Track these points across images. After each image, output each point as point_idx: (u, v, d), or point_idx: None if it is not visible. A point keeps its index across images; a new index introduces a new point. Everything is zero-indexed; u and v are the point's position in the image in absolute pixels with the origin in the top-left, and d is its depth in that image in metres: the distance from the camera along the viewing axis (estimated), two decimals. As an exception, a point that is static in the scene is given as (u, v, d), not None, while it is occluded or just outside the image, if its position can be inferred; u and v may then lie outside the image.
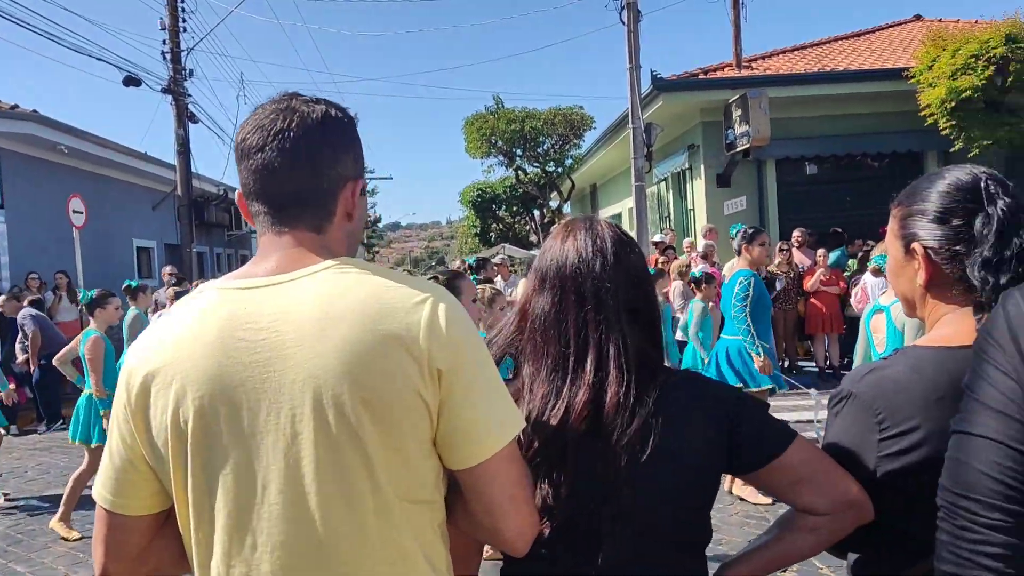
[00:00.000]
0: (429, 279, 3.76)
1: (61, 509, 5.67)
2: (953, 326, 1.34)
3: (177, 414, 1.14)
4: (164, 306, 9.75)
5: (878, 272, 8.28)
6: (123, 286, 8.24)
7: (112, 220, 16.04)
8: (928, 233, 1.37)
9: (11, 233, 12.77)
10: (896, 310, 4.36)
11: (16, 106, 12.98)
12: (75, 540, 5.52)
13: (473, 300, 3.70)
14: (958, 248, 1.33)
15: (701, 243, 11.37)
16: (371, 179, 33.75)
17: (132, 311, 8.10)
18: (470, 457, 1.16)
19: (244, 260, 29.45)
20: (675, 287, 9.20)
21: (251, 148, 1.23)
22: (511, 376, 1.51)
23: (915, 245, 1.39)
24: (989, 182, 1.34)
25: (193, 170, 16.68)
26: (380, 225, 43.37)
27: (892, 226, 1.47)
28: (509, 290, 11.75)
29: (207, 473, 1.13)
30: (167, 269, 11.70)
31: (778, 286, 10.34)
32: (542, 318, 1.44)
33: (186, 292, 10.12)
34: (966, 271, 1.31)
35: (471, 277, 9.20)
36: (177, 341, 1.17)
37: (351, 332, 1.11)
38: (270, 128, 1.22)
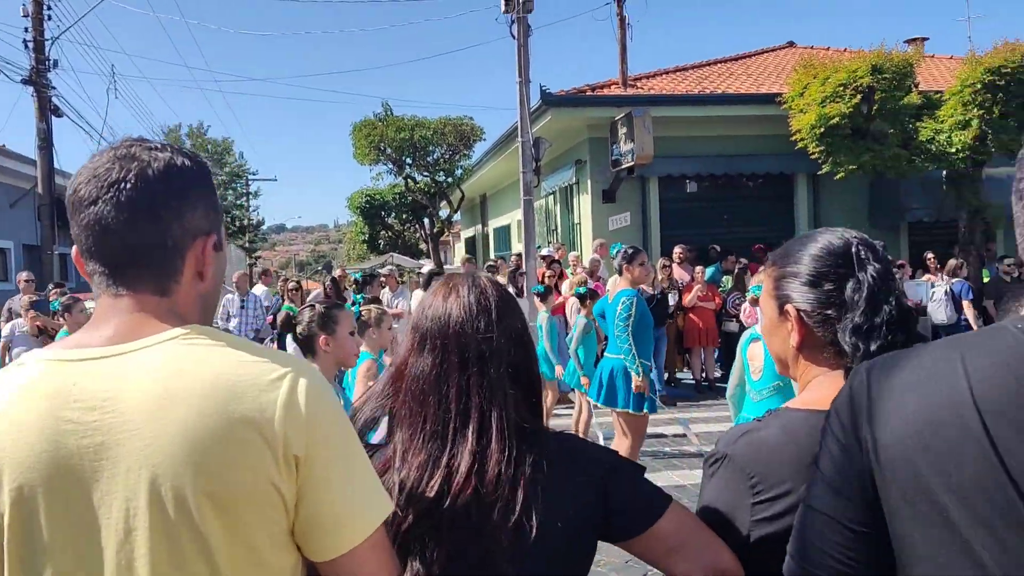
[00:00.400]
0: (306, 306, 3.62)
1: None
2: (823, 389, 1.34)
3: None
4: (18, 315, 9.03)
5: (755, 302, 8.62)
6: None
7: (-38, 219, 14.80)
8: (801, 296, 1.38)
9: None
10: None
11: None
12: None
13: (351, 333, 3.51)
14: (829, 312, 1.34)
15: (588, 258, 11.56)
16: (255, 180, 32.63)
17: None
18: (332, 548, 1.07)
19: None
20: (571, 303, 9.30)
21: (83, 201, 1.09)
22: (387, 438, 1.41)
23: (788, 307, 1.39)
24: (860, 247, 1.36)
25: (57, 166, 15.62)
26: (264, 228, 42.02)
27: (767, 286, 1.47)
28: (396, 301, 11.56)
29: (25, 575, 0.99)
30: (22, 275, 10.85)
31: (671, 301, 10.63)
32: (420, 380, 1.36)
33: (43, 302, 9.45)
34: (837, 335, 1.32)
35: (356, 297, 8.99)
36: None
37: (196, 415, 0.99)
38: (105, 178, 1.09)
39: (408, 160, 19.10)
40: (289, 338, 3.69)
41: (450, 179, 19.60)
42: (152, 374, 1.02)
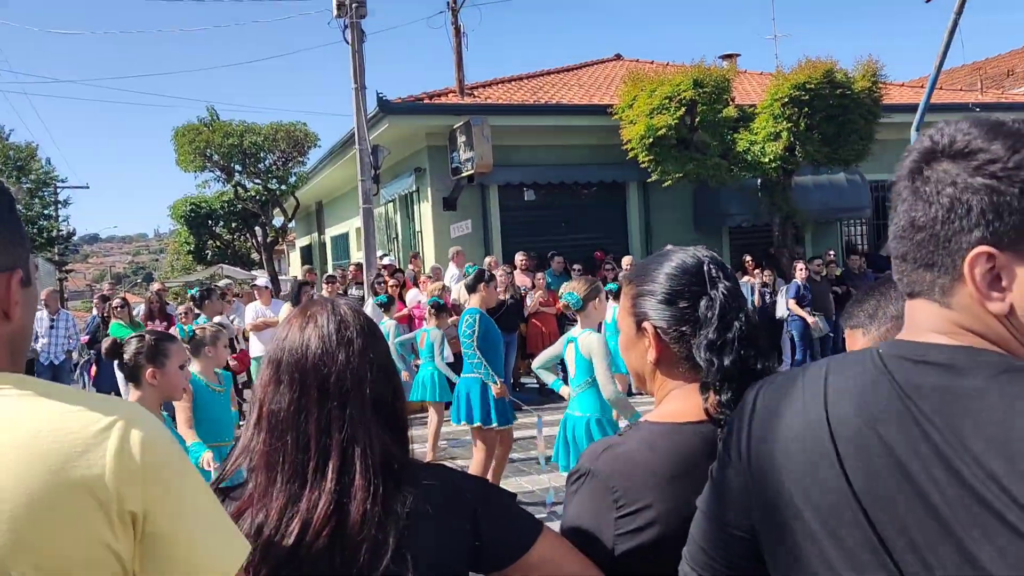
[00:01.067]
0: (135, 336, 3.34)
1: None
2: (680, 402, 1.39)
3: None
4: None
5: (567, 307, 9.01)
6: None
7: None
8: (657, 313, 1.42)
9: None
10: (584, 341, 4.71)
11: None
12: None
13: (181, 366, 3.30)
14: (684, 328, 1.39)
15: (430, 266, 11.50)
16: (64, 188, 30.01)
17: None
18: None
19: None
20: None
21: None
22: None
23: (646, 324, 1.43)
24: (711, 266, 1.42)
25: None
26: (75, 239, 38.77)
27: (624, 303, 1.50)
28: (232, 318, 10.97)
29: None
30: None
31: (528, 301, 10.77)
32: (278, 416, 1.26)
33: None
34: (692, 351, 1.37)
35: (199, 320, 8.46)
36: None
37: (15, 480, 0.88)
38: None
39: (237, 167, 18.21)
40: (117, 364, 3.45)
41: (283, 187, 18.88)
42: None
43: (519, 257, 11.71)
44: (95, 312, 11.85)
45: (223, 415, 4.52)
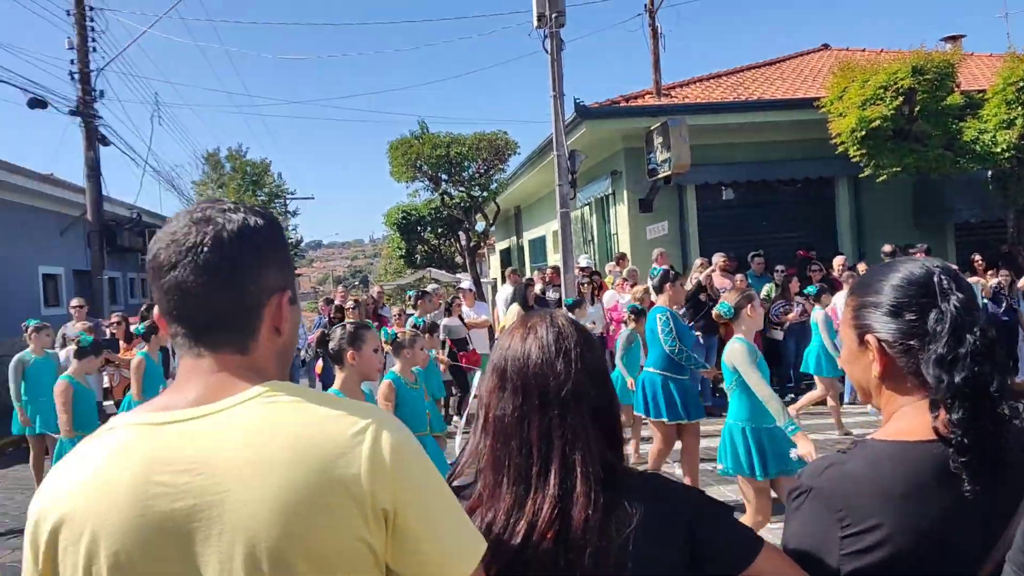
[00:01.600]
0: (338, 326, 3.83)
1: None
2: (908, 420, 1.33)
3: (89, 572, 1.02)
4: (72, 341, 9.28)
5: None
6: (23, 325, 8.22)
7: (16, 246, 15.24)
8: (882, 326, 1.37)
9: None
10: (728, 349, 4.70)
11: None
12: None
13: (375, 350, 3.85)
14: (912, 343, 1.33)
15: (627, 269, 11.54)
16: (292, 199, 33.18)
17: (21, 354, 7.98)
18: None
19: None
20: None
21: (163, 266, 1.12)
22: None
23: (869, 337, 1.38)
24: (942, 276, 1.34)
25: (104, 193, 16.02)
26: (302, 245, 42.65)
27: (846, 315, 1.46)
28: (477, 313, 11.64)
29: None
30: (74, 301, 11.13)
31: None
32: (503, 422, 1.35)
33: (97, 327, 9.69)
34: (920, 366, 1.30)
35: (415, 320, 9.21)
36: (86, 486, 1.04)
37: (284, 477, 1.01)
38: (183, 243, 1.11)
39: (444, 176, 19.25)
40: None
41: (485, 193, 19.69)
42: (238, 436, 1.04)
43: (718, 258, 11.44)
44: (321, 314, 12.99)
45: (419, 408, 5.00)
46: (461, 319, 10.88)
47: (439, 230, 24.84)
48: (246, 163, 27.11)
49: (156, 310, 1.18)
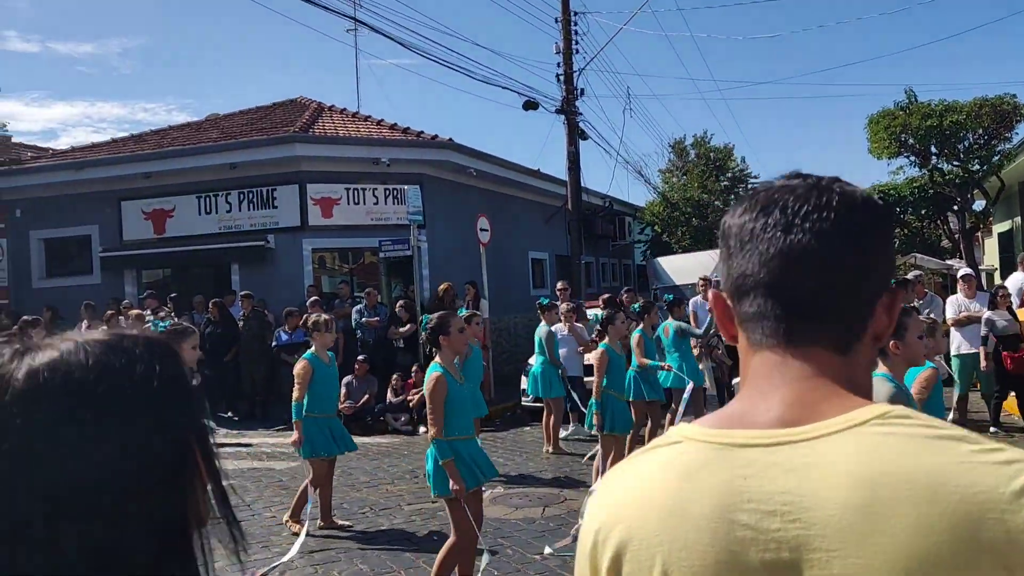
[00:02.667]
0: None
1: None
2: None
3: None
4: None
5: None
6: (537, 303, 10.33)
7: (510, 234, 17.35)
8: None
9: (431, 249, 14.38)
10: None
11: (436, 136, 14.65)
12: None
13: (919, 337, 3.62)
14: None
15: None
16: (755, 183, 32.53)
17: (543, 327, 9.79)
18: None
19: (627, 270, 30.09)
20: None
21: (764, 228, 0.93)
22: None
23: None
24: None
25: (582, 184, 17.38)
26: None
27: None
28: (925, 310, 10.13)
29: None
30: (559, 284, 12.15)
31: None
32: None
33: (579, 310, 10.47)
34: None
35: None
36: (655, 509, 0.89)
37: (916, 536, 0.77)
38: (798, 205, 0.92)
39: (934, 149, 16.86)
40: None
41: (986, 167, 16.78)
42: (847, 474, 0.80)
43: None
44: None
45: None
46: (1012, 313, 9.23)
47: (923, 211, 22.02)
48: (710, 149, 27.20)
49: (715, 291, 1.01)
